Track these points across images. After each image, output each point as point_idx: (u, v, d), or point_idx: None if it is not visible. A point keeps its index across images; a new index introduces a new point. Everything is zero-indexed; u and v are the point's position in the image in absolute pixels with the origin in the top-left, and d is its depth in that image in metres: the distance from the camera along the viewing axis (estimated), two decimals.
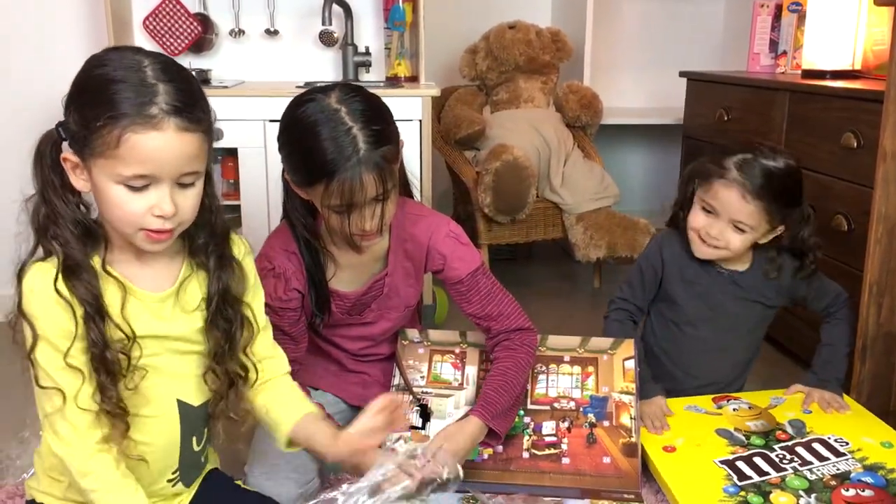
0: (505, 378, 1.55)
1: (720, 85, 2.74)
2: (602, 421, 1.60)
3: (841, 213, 2.03)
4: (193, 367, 1.22)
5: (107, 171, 1.04)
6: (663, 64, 3.46)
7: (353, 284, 1.60)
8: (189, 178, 1.09)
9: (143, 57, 1.07)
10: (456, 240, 1.60)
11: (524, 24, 3.00)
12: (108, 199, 1.06)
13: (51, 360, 1.08)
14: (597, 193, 2.87)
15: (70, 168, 1.08)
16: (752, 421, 1.67)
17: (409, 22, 2.75)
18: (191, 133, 1.06)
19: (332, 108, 1.35)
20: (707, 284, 1.74)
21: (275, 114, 2.36)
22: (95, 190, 1.08)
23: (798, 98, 2.26)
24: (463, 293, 1.60)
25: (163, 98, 1.03)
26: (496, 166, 2.65)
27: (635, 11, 3.52)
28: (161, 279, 1.17)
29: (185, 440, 1.23)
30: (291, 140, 1.40)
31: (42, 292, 1.08)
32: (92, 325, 1.08)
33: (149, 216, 1.07)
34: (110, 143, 1.02)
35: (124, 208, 1.06)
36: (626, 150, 3.55)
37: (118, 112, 1.02)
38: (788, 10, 2.78)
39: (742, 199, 1.60)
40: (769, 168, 1.61)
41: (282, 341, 1.53)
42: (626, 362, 1.67)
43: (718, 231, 1.65)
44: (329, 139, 1.33)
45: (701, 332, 1.76)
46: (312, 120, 1.35)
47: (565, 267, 3.24)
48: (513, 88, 3.02)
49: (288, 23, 2.84)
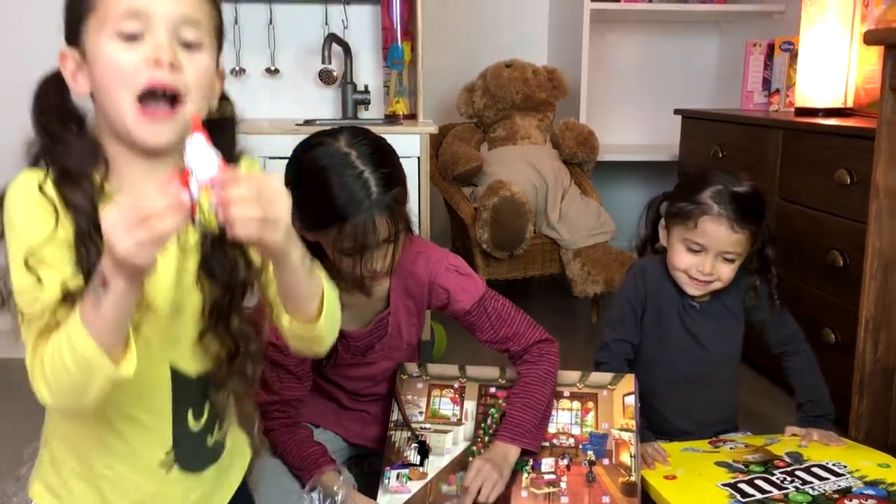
0: (527, 393, 1.56)
1: (714, 122, 2.77)
2: (602, 459, 1.59)
3: (836, 249, 2.05)
4: (189, 326, 1.07)
5: (98, 27, 0.95)
6: (658, 101, 3.50)
7: (357, 324, 1.60)
8: (192, 34, 0.97)
9: None
10: (456, 272, 1.61)
11: (521, 63, 3.04)
12: (101, 61, 0.95)
13: (26, 274, 0.94)
14: (594, 229, 2.89)
15: (70, 72, 0.99)
16: (749, 455, 1.67)
17: (408, 61, 2.78)
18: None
19: (342, 152, 1.36)
20: (682, 313, 1.75)
21: (275, 151, 2.39)
22: (91, 68, 0.97)
23: (791, 135, 2.28)
24: (473, 323, 1.61)
25: None
26: (494, 202, 2.67)
27: (630, 50, 3.57)
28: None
29: (178, 414, 1.10)
30: (301, 185, 1.39)
31: (23, 196, 0.96)
32: (87, 239, 0.95)
33: (143, 68, 0.94)
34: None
35: (117, 64, 0.94)
36: (623, 186, 3.58)
37: None
38: (781, 49, 2.82)
39: (731, 231, 1.63)
40: (741, 193, 1.64)
41: (285, 380, 1.54)
42: (626, 398, 1.66)
43: (710, 266, 1.66)
44: (341, 184, 1.34)
45: (681, 362, 1.76)
46: (323, 164, 1.36)
47: (563, 302, 3.25)
48: (510, 126, 3.05)
49: (288, 61, 2.88)
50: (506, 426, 1.54)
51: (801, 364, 1.78)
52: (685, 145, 2.98)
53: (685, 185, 1.73)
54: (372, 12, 2.87)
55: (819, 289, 2.14)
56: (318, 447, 1.56)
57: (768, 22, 3.16)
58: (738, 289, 1.75)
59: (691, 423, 1.79)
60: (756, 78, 2.95)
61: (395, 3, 2.75)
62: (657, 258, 1.78)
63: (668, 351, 1.77)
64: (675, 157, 3.08)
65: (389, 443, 1.62)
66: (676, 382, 1.77)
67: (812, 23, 2.47)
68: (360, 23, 2.88)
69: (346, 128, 1.44)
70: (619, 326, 1.78)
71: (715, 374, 1.79)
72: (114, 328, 0.90)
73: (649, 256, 1.82)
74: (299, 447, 1.54)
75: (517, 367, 1.62)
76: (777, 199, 2.33)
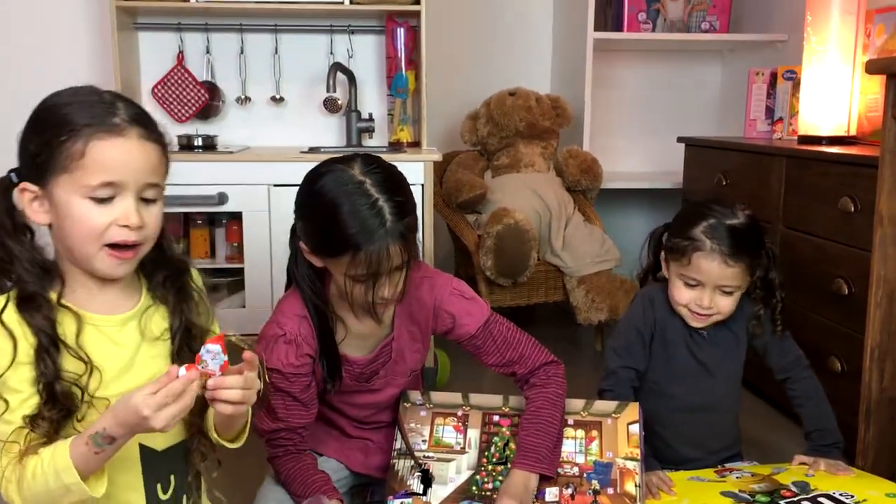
0: (539, 418, 1.55)
1: (718, 150, 2.78)
2: (606, 488, 1.58)
3: (840, 277, 2.04)
4: None
5: (72, 186, 1.06)
6: (661, 129, 3.51)
7: (362, 350, 1.60)
8: (152, 192, 1.11)
9: (96, 89, 1.13)
10: (461, 296, 1.60)
11: (524, 91, 3.06)
12: (73, 215, 1.07)
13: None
14: (598, 256, 2.89)
15: (28, 201, 1.09)
16: (756, 484, 1.65)
17: (412, 89, 2.81)
18: (152, 143, 1.10)
19: (356, 180, 1.36)
20: (691, 345, 1.74)
21: (280, 178, 2.41)
22: (58, 214, 1.08)
23: (795, 163, 2.29)
24: (479, 346, 1.60)
25: (123, 111, 1.09)
26: (497, 230, 2.68)
27: (633, 78, 3.59)
28: (119, 306, 1.16)
29: (149, 488, 1.19)
30: (315, 212, 1.40)
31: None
32: (45, 356, 1.07)
33: (114, 228, 1.08)
34: (75, 155, 1.05)
35: (89, 222, 1.07)
36: (627, 213, 3.58)
37: (80, 125, 1.06)
38: (783, 78, 2.84)
39: (724, 265, 1.62)
40: (735, 227, 1.63)
41: (291, 407, 1.53)
42: (631, 426, 1.65)
43: (709, 300, 1.66)
44: (355, 212, 1.34)
45: (688, 389, 1.75)
46: (337, 193, 1.36)
47: (567, 330, 3.24)
48: (513, 153, 3.07)
49: (293, 90, 2.91)
50: (522, 453, 1.53)
51: (805, 391, 1.76)
52: (689, 173, 2.99)
53: (681, 219, 1.71)
54: (376, 42, 2.90)
55: (824, 317, 2.13)
56: (321, 475, 1.55)
57: (771, 51, 3.18)
58: (743, 315, 1.74)
59: (697, 450, 1.77)
60: (759, 106, 2.97)
61: (399, 33, 2.77)
62: (662, 286, 1.77)
63: (674, 378, 1.76)
64: (678, 185, 3.08)
65: (392, 471, 1.61)
66: (682, 410, 1.76)
67: (814, 52, 2.48)
68: (365, 52, 2.91)
69: (358, 155, 1.44)
70: (626, 353, 1.76)
71: (721, 400, 1.78)
72: (102, 464, 1.06)
73: (653, 284, 1.82)
74: (303, 474, 1.53)
75: (525, 391, 1.61)
76: (781, 226, 2.33)
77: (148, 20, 2.79)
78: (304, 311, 1.51)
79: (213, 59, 2.85)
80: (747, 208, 1.69)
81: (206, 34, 2.82)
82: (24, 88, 2.78)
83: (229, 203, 2.43)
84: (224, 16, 2.79)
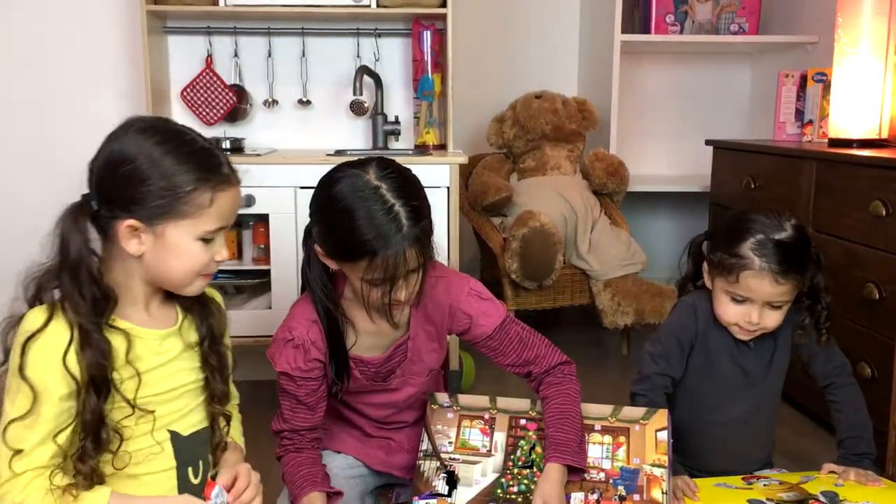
0: (563, 413, 1.55)
1: (746, 153, 2.76)
2: (632, 494, 1.56)
3: (871, 282, 2.02)
4: (188, 400, 1.30)
5: (191, 230, 1.18)
6: (689, 132, 3.49)
7: (376, 350, 1.60)
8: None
9: (187, 130, 1.24)
10: (478, 297, 1.60)
11: (551, 94, 3.06)
12: (182, 254, 1.19)
13: (31, 427, 1.12)
14: (624, 260, 2.88)
15: (127, 234, 1.16)
16: (784, 493, 1.63)
17: (438, 92, 2.81)
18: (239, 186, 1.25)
19: (372, 185, 1.37)
20: (734, 350, 1.71)
21: (306, 181, 2.43)
22: (163, 250, 1.18)
23: (825, 167, 2.26)
24: (495, 348, 1.61)
25: (224, 159, 1.23)
26: (523, 232, 2.67)
27: (661, 81, 3.57)
28: (160, 320, 1.27)
29: (181, 472, 1.27)
30: (331, 217, 1.41)
31: (47, 365, 1.13)
32: (92, 394, 1.14)
33: (212, 262, 1.23)
34: (203, 204, 1.17)
35: (197, 259, 1.20)
36: (653, 216, 3.56)
37: (207, 175, 1.18)
38: (813, 80, 2.81)
39: (775, 283, 1.56)
40: (785, 242, 1.56)
41: (297, 410, 1.55)
42: (659, 433, 1.63)
43: (757, 316, 1.61)
44: (372, 218, 1.34)
45: (730, 399, 1.73)
46: (353, 198, 1.36)
47: (593, 333, 3.23)
48: (539, 156, 3.06)
49: (320, 93, 2.92)
50: (554, 446, 1.53)
51: (847, 398, 1.71)
52: (717, 176, 2.97)
53: (726, 231, 1.64)
54: (403, 45, 2.91)
55: (855, 322, 2.10)
56: (311, 469, 1.55)
57: (801, 53, 3.15)
58: (788, 322, 1.68)
59: (733, 463, 1.74)
60: (788, 109, 2.93)
61: (425, 36, 2.78)
62: (706, 294, 1.72)
63: (717, 388, 1.72)
64: (706, 188, 3.06)
65: (418, 472, 1.61)
66: (723, 419, 1.72)
67: (845, 53, 2.45)
68: (391, 55, 2.91)
69: (373, 159, 1.44)
70: (663, 360, 1.72)
71: (761, 410, 1.74)
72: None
73: (696, 292, 1.76)
74: (298, 468, 1.54)
75: (542, 390, 1.61)
76: (811, 230, 2.31)
77: (177, 24, 2.82)
78: (315, 315, 1.52)
79: (242, 62, 2.87)
80: (793, 216, 1.62)
81: (235, 37, 2.84)
82: (57, 92, 2.83)
83: (256, 205, 2.44)
84: (252, 19, 2.81)
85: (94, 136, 1.21)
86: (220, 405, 1.33)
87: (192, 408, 1.30)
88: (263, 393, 1.97)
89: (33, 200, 2.79)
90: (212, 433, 1.34)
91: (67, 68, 2.81)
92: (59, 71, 2.80)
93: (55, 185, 2.85)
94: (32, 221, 2.81)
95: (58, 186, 2.80)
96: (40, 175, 2.81)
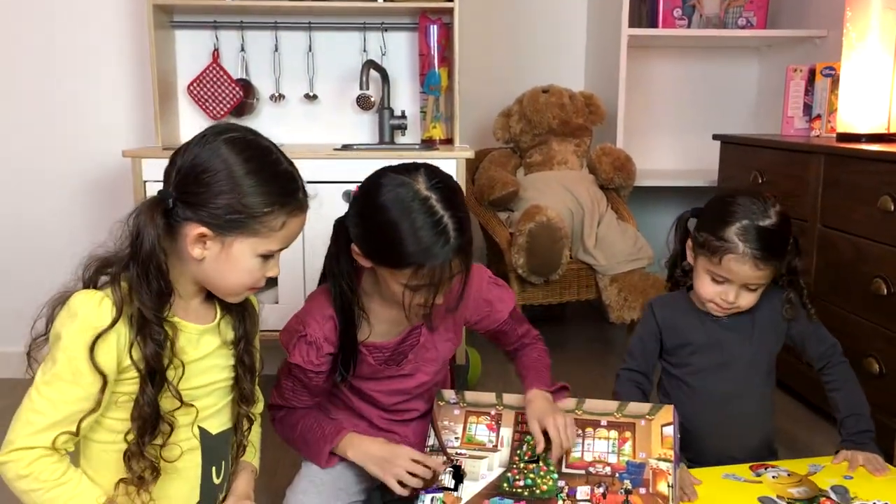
0: (537, 358, 1.71)
1: (754, 148, 2.75)
2: (638, 488, 1.57)
3: (879, 277, 2.01)
4: (217, 398, 1.32)
5: (255, 247, 1.21)
6: (696, 126, 3.48)
7: (389, 336, 1.62)
8: None
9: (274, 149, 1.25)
10: (495, 283, 1.68)
11: (557, 88, 3.05)
12: (241, 267, 1.22)
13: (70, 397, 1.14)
14: (631, 255, 2.87)
15: (195, 240, 1.18)
16: (794, 488, 1.63)
17: (445, 86, 2.81)
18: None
19: (422, 195, 1.38)
20: (706, 334, 1.74)
21: (313, 175, 2.40)
22: (224, 260, 1.20)
23: (833, 161, 2.25)
24: (506, 331, 1.69)
25: (300, 185, 1.25)
26: (530, 227, 2.67)
27: (668, 75, 3.56)
28: (202, 317, 1.29)
29: (205, 470, 1.30)
30: (377, 225, 1.41)
31: (108, 352, 1.15)
32: (148, 384, 1.17)
33: (263, 278, 1.26)
34: (275, 226, 1.20)
35: (252, 274, 1.24)
36: (660, 211, 3.55)
37: (284, 200, 1.21)
38: (822, 75, 2.79)
39: (755, 269, 1.62)
40: (768, 229, 1.61)
41: (298, 392, 1.61)
42: (665, 428, 1.64)
43: (734, 296, 1.67)
44: (421, 228, 1.37)
45: (710, 383, 1.75)
46: (403, 208, 1.38)
47: (599, 328, 3.22)
48: (546, 151, 3.05)
49: (326, 87, 2.92)
50: (533, 376, 1.65)
51: (842, 375, 1.76)
52: (724, 171, 2.96)
53: (712, 214, 1.70)
54: (409, 39, 2.90)
55: (862, 317, 2.10)
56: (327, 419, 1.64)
57: (809, 47, 3.13)
58: (769, 302, 1.73)
59: (730, 445, 1.77)
60: (797, 103, 2.92)
61: (432, 30, 2.77)
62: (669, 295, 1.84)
63: (698, 371, 1.77)
64: (713, 183, 3.05)
65: None
66: (711, 401, 1.76)
67: (854, 48, 2.44)
68: (398, 49, 2.91)
69: (419, 165, 1.45)
70: (629, 357, 1.84)
71: (745, 389, 1.76)
72: None
73: (664, 293, 1.87)
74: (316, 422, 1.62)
75: (517, 351, 1.74)
76: (819, 225, 2.30)
77: (184, 18, 2.82)
78: (331, 309, 1.53)
79: (248, 56, 2.87)
80: (777, 201, 1.67)
81: (241, 32, 2.84)
82: (63, 87, 2.83)
83: None
84: (259, 14, 2.81)
85: (100, 131, 1.22)
86: (246, 406, 1.36)
87: (220, 406, 1.33)
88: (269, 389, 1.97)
89: (35, 190, 2.81)
90: (234, 432, 1.37)
91: (74, 62, 2.81)
92: (66, 65, 2.80)
93: (59, 179, 2.86)
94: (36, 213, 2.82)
95: (62, 180, 2.82)
96: (42, 171, 2.81)
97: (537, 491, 1.56)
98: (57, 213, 2.81)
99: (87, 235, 2.75)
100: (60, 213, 2.81)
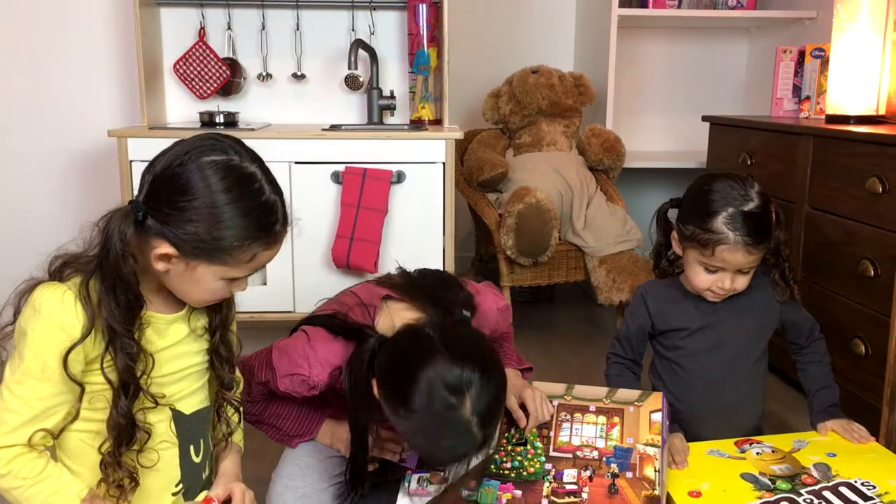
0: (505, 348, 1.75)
1: (743, 129, 2.74)
2: (625, 472, 1.57)
3: (867, 259, 2.01)
4: (190, 382, 1.30)
5: (219, 273, 1.18)
6: (686, 108, 3.47)
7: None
8: None
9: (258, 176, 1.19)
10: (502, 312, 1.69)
11: (547, 69, 3.03)
12: (205, 287, 1.20)
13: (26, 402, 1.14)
14: (619, 236, 2.87)
15: (159, 257, 1.15)
16: (776, 465, 1.64)
17: (434, 66, 2.79)
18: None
19: (465, 419, 1.31)
20: (700, 318, 1.75)
21: (300, 156, 2.41)
22: (187, 278, 1.18)
23: (822, 143, 2.25)
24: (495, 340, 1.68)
25: (279, 217, 1.19)
26: (519, 208, 2.66)
27: (658, 56, 3.55)
28: (170, 307, 1.26)
29: (183, 450, 1.29)
30: (412, 427, 1.36)
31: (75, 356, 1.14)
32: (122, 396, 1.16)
33: (229, 293, 1.25)
34: (243, 259, 1.17)
35: (216, 294, 1.22)
36: (649, 193, 3.55)
37: (258, 234, 1.16)
38: (811, 56, 2.79)
39: (748, 254, 1.62)
40: (754, 213, 1.61)
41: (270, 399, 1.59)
42: (653, 415, 1.64)
43: (730, 282, 1.67)
44: (454, 447, 1.35)
45: (703, 365, 1.76)
46: (443, 430, 1.33)
47: (587, 310, 3.23)
48: (535, 132, 3.04)
49: (314, 67, 2.90)
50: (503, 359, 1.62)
51: (821, 349, 1.80)
52: (713, 152, 2.95)
53: (694, 203, 1.69)
54: (398, 18, 2.88)
55: (849, 299, 2.10)
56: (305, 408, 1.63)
57: (799, 28, 3.12)
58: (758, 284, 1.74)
59: (722, 424, 1.77)
60: (786, 85, 2.92)
61: (421, 9, 2.75)
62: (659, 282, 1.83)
63: (690, 354, 1.77)
64: (702, 164, 3.05)
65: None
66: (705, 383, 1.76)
67: (843, 29, 2.43)
68: (387, 29, 2.88)
69: (476, 373, 1.33)
70: (618, 343, 1.86)
71: (740, 372, 1.77)
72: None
73: (655, 279, 1.86)
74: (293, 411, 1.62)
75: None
76: (807, 207, 2.30)
77: None
78: (340, 361, 1.47)
79: (235, 35, 2.84)
80: (755, 182, 1.67)
81: (228, 10, 2.81)
82: (48, 66, 2.80)
83: None
84: None
85: (86, 111, 1.19)
86: (228, 391, 1.35)
87: (194, 389, 1.31)
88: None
89: (21, 170, 2.78)
90: (217, 417, 1.36)
91: (59, 41, 2.77)
92: (51, 44, 2.77)
93: (44, 158, 2.83)
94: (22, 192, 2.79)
95: (47, 160, 2.79)
96: (28, 150, 2.78)
97: (524, 473, 1.56)
98: (43, 192, 2.79)
99: (72, 215, 2.75)
100: (46, 193, 2.79)
